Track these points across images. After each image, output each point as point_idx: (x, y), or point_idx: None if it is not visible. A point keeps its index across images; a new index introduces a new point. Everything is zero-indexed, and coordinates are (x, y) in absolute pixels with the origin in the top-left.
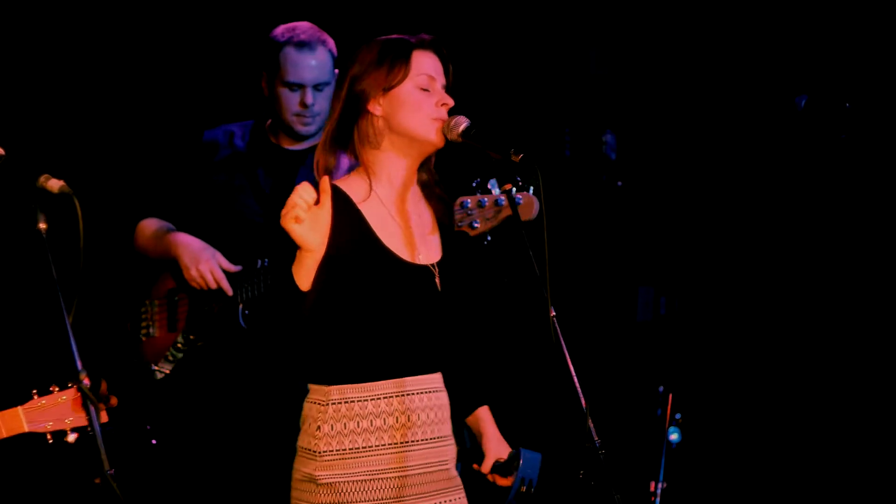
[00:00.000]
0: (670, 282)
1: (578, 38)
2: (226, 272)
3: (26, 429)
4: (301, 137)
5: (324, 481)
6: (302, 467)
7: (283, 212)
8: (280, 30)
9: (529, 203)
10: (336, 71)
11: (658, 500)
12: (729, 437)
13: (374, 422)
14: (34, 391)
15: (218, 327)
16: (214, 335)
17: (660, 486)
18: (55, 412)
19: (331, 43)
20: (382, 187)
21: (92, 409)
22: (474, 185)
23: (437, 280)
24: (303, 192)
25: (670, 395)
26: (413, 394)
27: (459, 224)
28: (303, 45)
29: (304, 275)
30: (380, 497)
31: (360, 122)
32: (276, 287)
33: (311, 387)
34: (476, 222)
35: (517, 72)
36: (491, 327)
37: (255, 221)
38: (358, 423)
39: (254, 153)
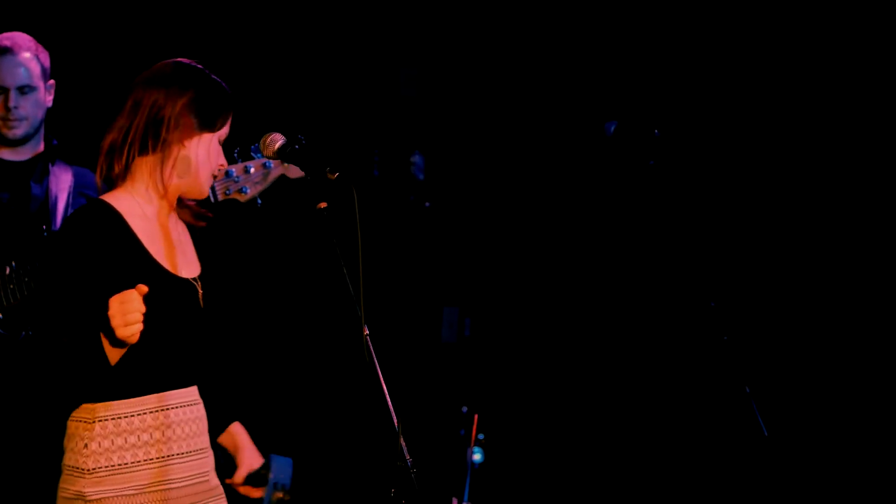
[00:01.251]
0: (475, 302)
1: (388, 60)
2: None
3: None
4: (9, 142)
5: (93, 497)
6: (70, 486)
7: (124, 330)
8: None
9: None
10: (53, 82)
11: None
12: (532, 457)
13: (140, 437)
14: None
15: None
16: None
17: None
18: None
19: (41, 52)
20: (151, 206)
21: None
22: (235, 153)
23: (200, 294)
24: (138, 305)
25: (475, 416)
26: (174, 407)
27: (227, 192)
28: (5, 50)
29: (117, 357)
30: None
31: (165, 150)
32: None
33: (77, 405)
34: (246, 188)
35: (327, 91)
36: (249, 341)
37: None
38: (126, 438)
39: None
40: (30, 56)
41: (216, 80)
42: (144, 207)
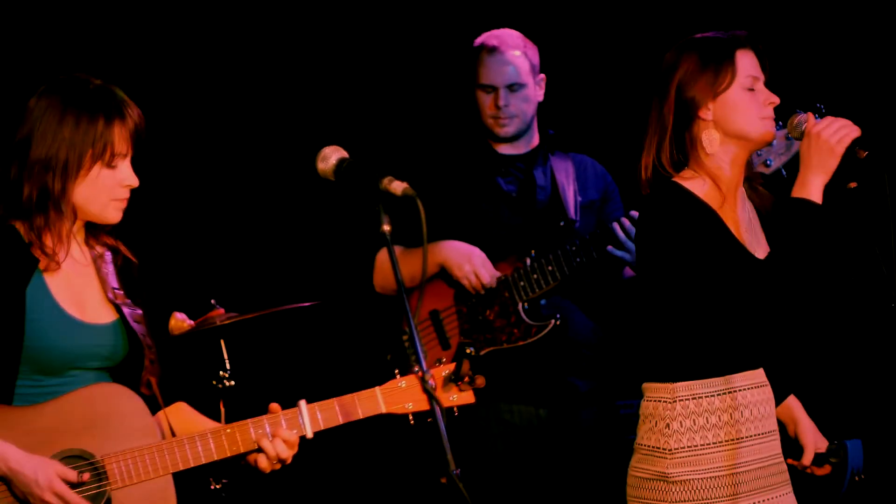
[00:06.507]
0: None
1: None
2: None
3: (383, 410)
4: (501, 139)
5: (677, 479)
6: (650, 466)
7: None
8: (479, 37)
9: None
10: (543, 77)
11: None
12: None
13: (721, 417)
14: (396, 370)
15: (498, 332)
16: (499, 342)
17: None
18: (416, 393)
19: (529, 48)
20: (723, 187)
21: (437, 409)
22: None
23: None
24: None
25: None
26: (742, 389)
27: (752, 165)
28: (493, 49)
29: None
30: (726, 494)
31: (693, 128)
32: None
33: (652, 385)
34: (770, 160)
35: (864, 65)
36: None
37: (506, 224)
38: (706, 418)
39: (480, 162)
40: (518, 54)
41: (704, 37)
42: (722, 190)
